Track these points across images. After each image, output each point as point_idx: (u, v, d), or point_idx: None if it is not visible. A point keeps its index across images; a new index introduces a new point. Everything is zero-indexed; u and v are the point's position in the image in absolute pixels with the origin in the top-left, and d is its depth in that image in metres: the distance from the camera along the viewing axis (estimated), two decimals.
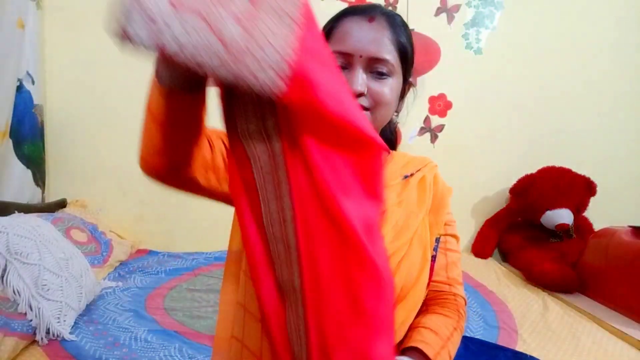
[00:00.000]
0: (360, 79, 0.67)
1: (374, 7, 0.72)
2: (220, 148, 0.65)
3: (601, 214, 2.27)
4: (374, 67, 0.69)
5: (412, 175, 0.78)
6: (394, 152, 0.84)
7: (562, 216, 2.11)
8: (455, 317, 0.74)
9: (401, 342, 0.68)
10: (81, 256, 1.60)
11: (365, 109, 0.69)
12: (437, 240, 0.77)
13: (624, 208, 2.40)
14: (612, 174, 2.39)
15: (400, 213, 0.72)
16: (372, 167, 0.48)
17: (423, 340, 0.67)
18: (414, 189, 0.77)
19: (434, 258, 0.76)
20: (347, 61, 0.68)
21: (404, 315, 0.68)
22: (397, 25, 0.71)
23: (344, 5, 0.75)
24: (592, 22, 2.34)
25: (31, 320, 1.27)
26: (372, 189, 0.48)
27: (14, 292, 1.29)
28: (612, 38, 2.35)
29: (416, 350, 0.65)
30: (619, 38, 2.35)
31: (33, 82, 2.06)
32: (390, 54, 0.69)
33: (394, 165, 0.80)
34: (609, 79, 2.38)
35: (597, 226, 2.14)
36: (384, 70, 0.69)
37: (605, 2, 2.33)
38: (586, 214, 2.26)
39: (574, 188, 2.14)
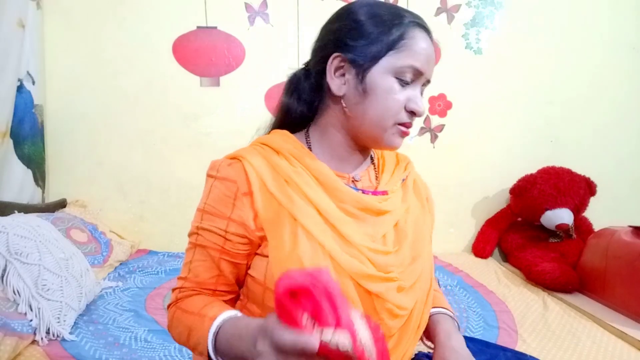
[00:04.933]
0: (422, 99, 0.68)
1: (426, 23, 0.69)
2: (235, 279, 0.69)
3: (601, 214, 2.27)
4: (423, 88, 0.70)
5: (406, 178, 0.77)
6: (376, 151, 0.81)
7: (562, 216, 2.10)
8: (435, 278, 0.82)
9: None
10: (81, 256, 1.60)
11: (411, 126, 0.69)
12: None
13: (624, 208, 2.40)
14: (612, 174, 2.39)
15: (411, 224, 0.71)
16: None
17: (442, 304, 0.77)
18: (411, 193, 0.76)
19: None
20: (413, 77, 0.66)
21: (425, 318, 0.71)
22: None
23: (343, 4, 0.72)
24: (592, 22, 2.34)
25: (31, 320, 1.27)
26: None
27: (14, 292, 1.29)
28: (612, 38, 2.35)
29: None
30: (619, 38, 2.35)
31: (33, 82, 2.06)
32: None
33: (389, 167, 0.77)
34: (609, 78, 2.38)
35: (597, 226, 2.14)
36: (423, 90, 0.71)
37: (605, 2, 2.33)
38: (586, 214, 2.26)
39: (574, 188, 2.14)
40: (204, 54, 2.23)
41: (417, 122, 2.36)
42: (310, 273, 0.45)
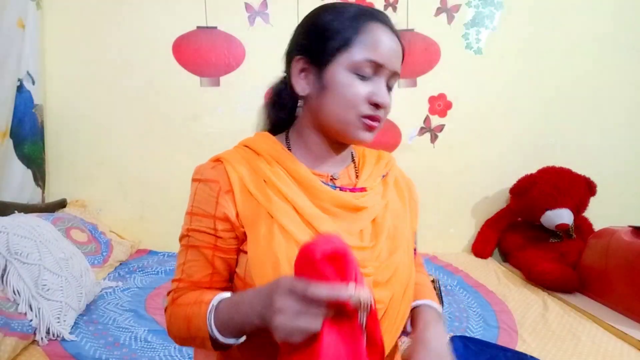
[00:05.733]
0: (386, 92, 0.67)
1: (388, 17, 0.70)
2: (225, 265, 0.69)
3: (601, 214, 2.26)
4: (390, 81, 0.69)
5: (387, 174, 0.79)
6: (357, 147, 0.82)
7: (562, 216, 2.10)
8: (426, 273, 0.87)
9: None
10: (81, 256, 1.60)
11: (378, 120, 0.68)
12: (415, 234, 0.79)
13: (624, 208, 2.40)
14: (612, 174, 2.39)
15: (389, 219, 0.72)
16: None
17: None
18: (392, 189, 0.77)
19: (414, 251, 0.78)
20: (374, 71, 0.66)
21: (403, 312, 0.70)
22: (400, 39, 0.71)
23: None
24: (592, 23, 2.33)
25: (31, 320, 1.27)
26: None
27: (14, 292, 1.29)
28: (613, 38, 2.35)
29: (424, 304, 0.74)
30: (619, 38, 2.35)
31: (33, 82, 2.06)
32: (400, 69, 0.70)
33: (369, 165, 0.78)
34: (610, 78, 2.37)
35: (597, 226, 2.14)
36: (393, 84, 0.70)
37: (606, 2, 2.33)
38: (586, 214, 2.26)
39: (574, 188, 2.14)
40: (204, 54, 2.23)
41: (417, 122, 2.36)
42: (333, 238, 0.52)
